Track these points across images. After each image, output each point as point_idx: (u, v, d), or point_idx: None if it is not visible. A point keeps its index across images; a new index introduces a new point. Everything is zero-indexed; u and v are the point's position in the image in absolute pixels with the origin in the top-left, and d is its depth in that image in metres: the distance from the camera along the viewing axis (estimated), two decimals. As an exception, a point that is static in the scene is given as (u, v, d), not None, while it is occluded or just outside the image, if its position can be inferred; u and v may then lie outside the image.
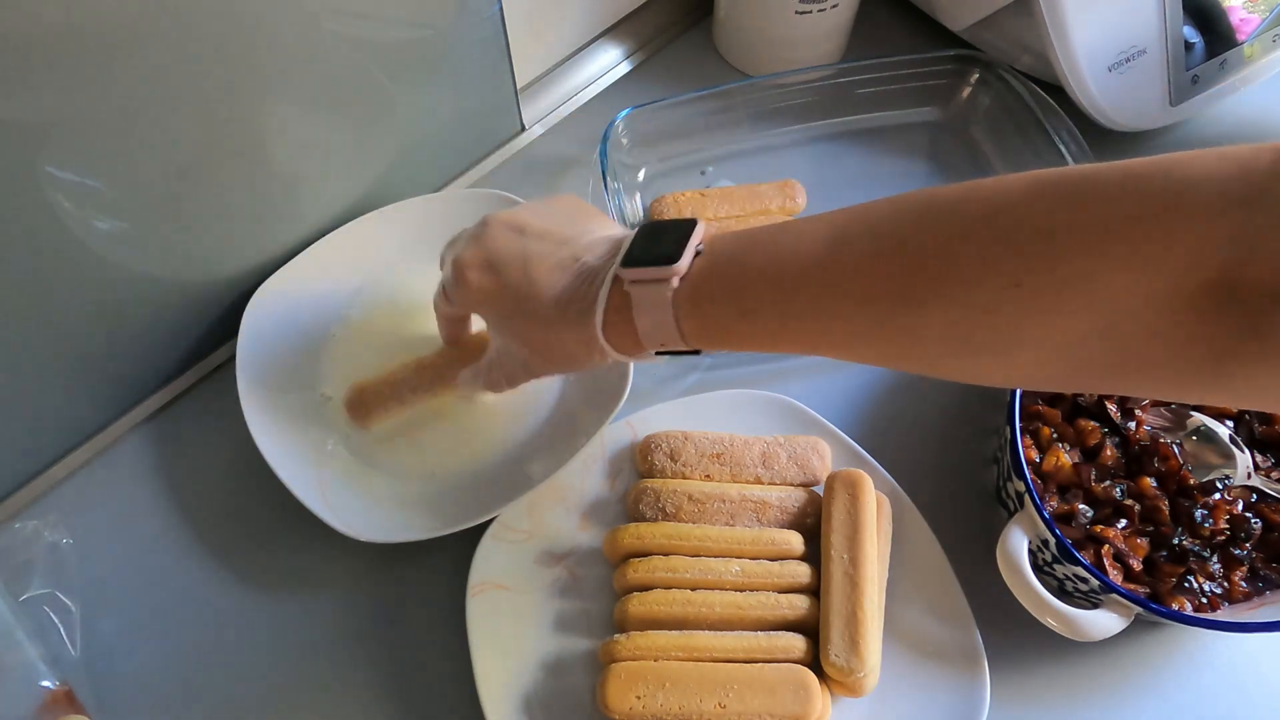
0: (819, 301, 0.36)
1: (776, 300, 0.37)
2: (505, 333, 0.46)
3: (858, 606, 0.48)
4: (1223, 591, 0.48)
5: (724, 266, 0.39)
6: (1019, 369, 0.34)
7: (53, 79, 0.40)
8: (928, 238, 0.33)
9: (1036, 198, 0.31)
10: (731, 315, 0.38)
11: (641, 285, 0.39)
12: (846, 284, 0.35)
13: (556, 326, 0.41)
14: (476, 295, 0.43)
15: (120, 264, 0.50)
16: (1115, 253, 0.29)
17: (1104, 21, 0.62)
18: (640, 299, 0.39)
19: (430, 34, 0.55)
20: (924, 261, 0.33)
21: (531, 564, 0.52)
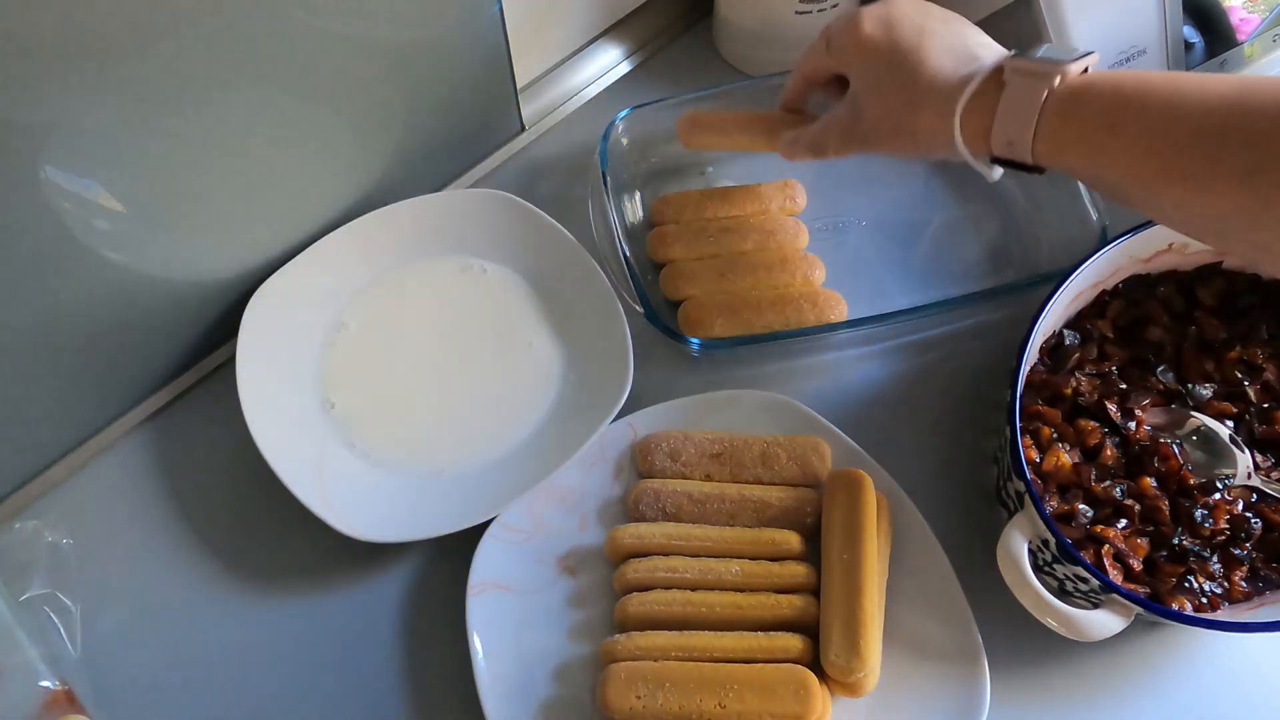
0: (1202, 141, 0.36)
1: (1152, 125, 0.38)
2: (868, 92, 0.47)
3: (858, 606, 0.48)
4: (1223, 591, 0.48)
5: (1110, 83, 0.40)
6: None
7: (53, 79, 0.40)
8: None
9: None
10: (1095, 126, 0.39)
11: (1023, 76, 0.41)
12: (1244, 135, 0.35)
13: (921, 97, 0.44)
14: (863, 44, 0.46)
15: (120, 264, 0.50)
16: None
17: (1104, 21, 0.62)
18: (1015, 88, 0.41)
19: (430, 34, 0.55)
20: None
21: (531, 564, 0.52)
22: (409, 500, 0.54)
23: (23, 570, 0.52)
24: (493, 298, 0.61)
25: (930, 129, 0.45)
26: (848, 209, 0.66)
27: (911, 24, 0.46)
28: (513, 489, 0.53)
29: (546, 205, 0.62)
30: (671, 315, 0.61)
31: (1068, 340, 0.55)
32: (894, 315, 0.59)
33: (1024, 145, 0.42)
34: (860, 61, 0.47)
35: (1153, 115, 0.38)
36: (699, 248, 0.62)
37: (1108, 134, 0.39)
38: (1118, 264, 0.55)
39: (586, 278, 0.59)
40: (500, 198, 0.62)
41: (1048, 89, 0.40)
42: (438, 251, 0.62)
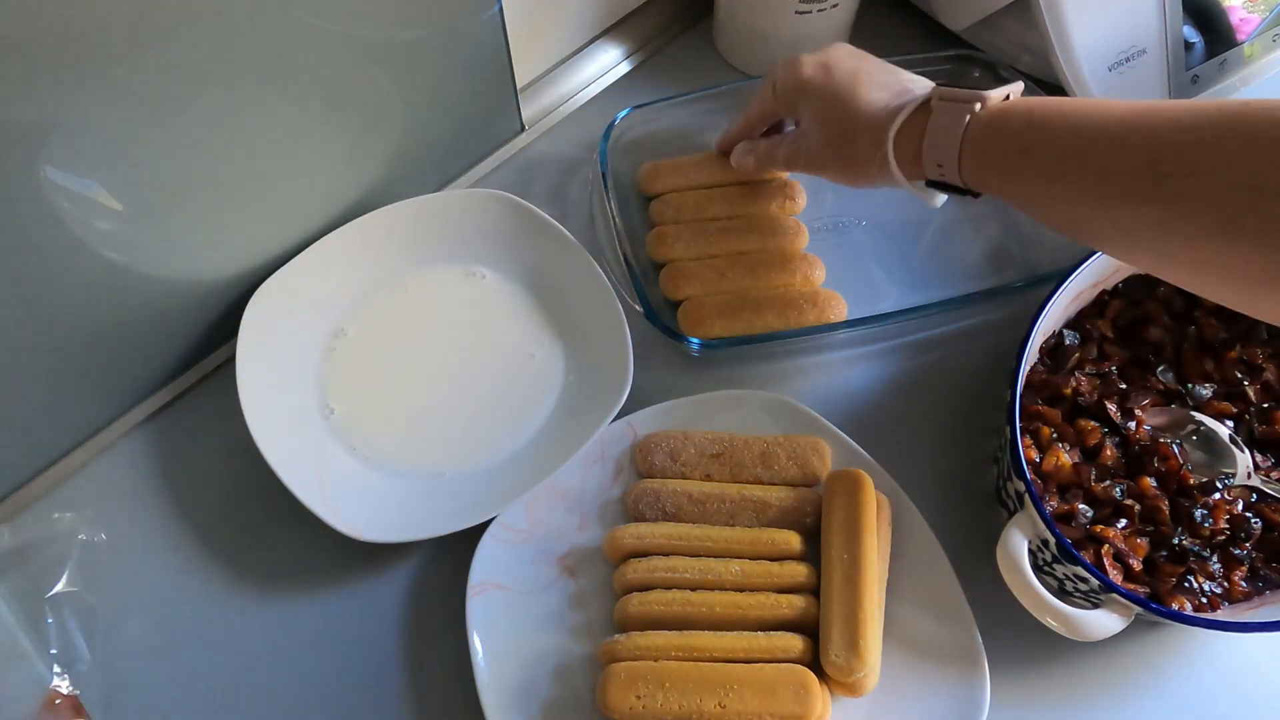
0: (1114, 160, 0.38)
1: (1061, 141, 0.40)
2: (812, 125, 0.52)
3: (858, 606, 0.48)
4: (1223, 591, 0.48)
5: (1024, 108, 0.43)
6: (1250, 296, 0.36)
7: (53, 79, 0.40)
8: (1261, 169, 0.33)
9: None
10: (1011, 149, 0.42)
11: (948, 103, 0.45)
12: (1149, 154, 0.36)
13: (858, 129, 0.49)
14: (804, 85, 0.52)
15: (120, 264, 0.50)
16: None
17: (1104, 21, 0.62)
18: (941, 115, 0.45)
19: (430, 34, 0.55)
20: (1259, 191, 0.33)
21: (531, 564, 0.52)
22: (409, 500, 0.54)
23: (52, 566, 0.52)
24: (492, 298, 0.61)
25: (866, 157, 0.49)
26: (848, 209, 0.66)
27: (848, 67, 0.51)
28: (513, 489, 0.53)
29: (546, 205, 0.62)
30: (671, 315, 0.61)
31: (1068, 340, 0.55)
32: (894, 315, 0.59)
33: (951, 168, 0.45)
34: (803, 101, 0.53)
35: (1061, 137, 0.40)
36: (699, 248, 0.62)
37: (1022, 156, 0.42)
38: (1117, 264, 0.55)
39: (586, 278, 0.59)
40: (500, 198, 0.62)
41: (969, 114, 0.44)
42: (437, 252, 0.62)
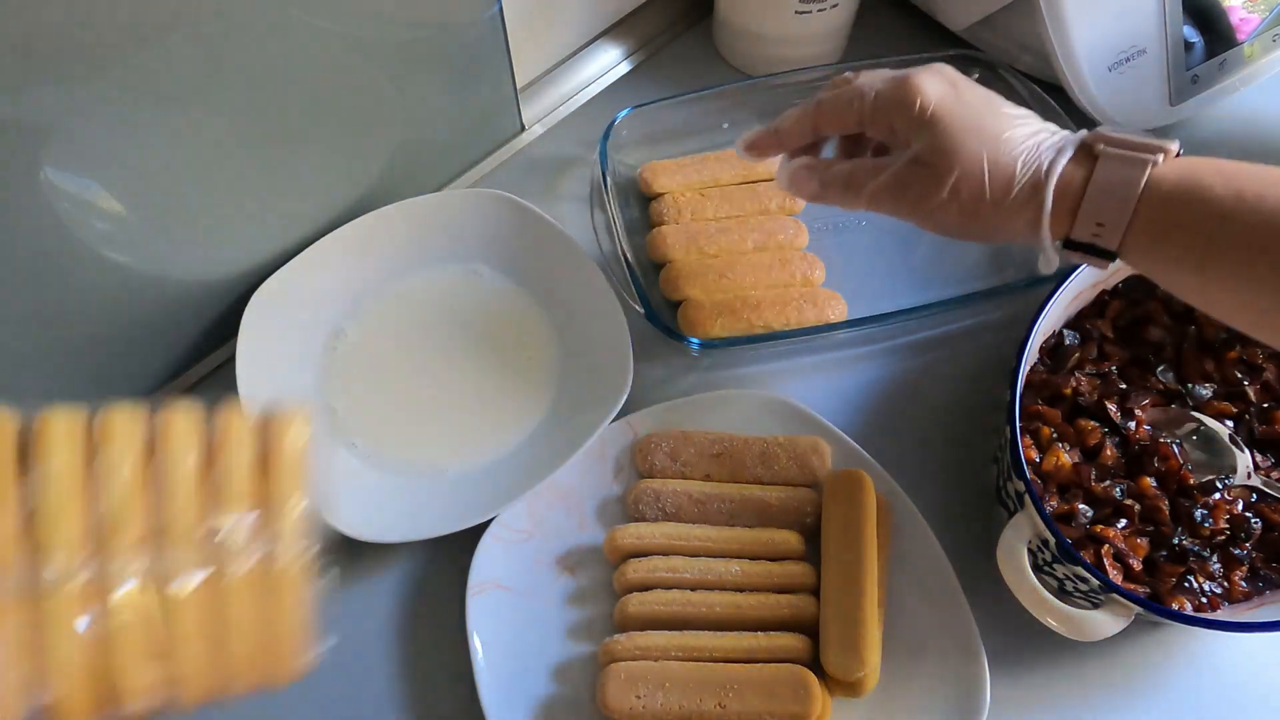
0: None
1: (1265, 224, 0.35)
2: (938, 156, 0.41)
3: (858, 607, 0.48)
4: (1223, 591, 0.48)
5: (1214, 169, 0.37)
6: None
7: (53, 79, 0.40)
8: None
9: None
10: (1210, 216, 0.36)
11: (1118, 154, 0.38)
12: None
13: (1003, 170, 0.40)
14: (928, 104, 0.41)
15: (120, 264, 0.50)
16: None
17: (1104, 21, 0.62)
18: (1110, 164, 0.38)
19: (430, 34, 0.55)
20: None
21: (531, 564, 0.52)
22: (409, 500, 0.54)
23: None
24: (492, 298, 0.61)
25: (1008, 206, 0.40)
26: (848, 209, 0.66)
27: (976, 89, 0.42)
28: (513, 489, 0.53)
29: (547, 205, 0.62)
30: (671, 315, 0.61)
31: (1068, 340, 0.55)
32: (894, 315, 0.59)
33: (1115, 231, 0.38)
34: (924, 126, 0.41)
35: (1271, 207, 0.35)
36: (699, 248, 0.62)
37: (1220, 224, 0.36)
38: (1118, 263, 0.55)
39: (586, 278, 0.59)
40: (500, 198, 0.62)
41: (1149, 167, 0.37)
42: (437, 252, 0.62)
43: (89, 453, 0.29)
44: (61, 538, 0.28)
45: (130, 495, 0.29)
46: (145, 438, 0.30)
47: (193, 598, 0.30)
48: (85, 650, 0.28)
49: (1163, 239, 0.38)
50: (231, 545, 0.31)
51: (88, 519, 0.29)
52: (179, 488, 0.30)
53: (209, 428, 0.32)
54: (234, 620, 0.31)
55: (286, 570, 0.32)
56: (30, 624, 0.28)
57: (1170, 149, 0.38)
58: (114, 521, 0.29)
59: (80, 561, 0.28)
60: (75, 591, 0.28)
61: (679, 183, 0.65)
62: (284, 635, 0.33)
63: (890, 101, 0.42)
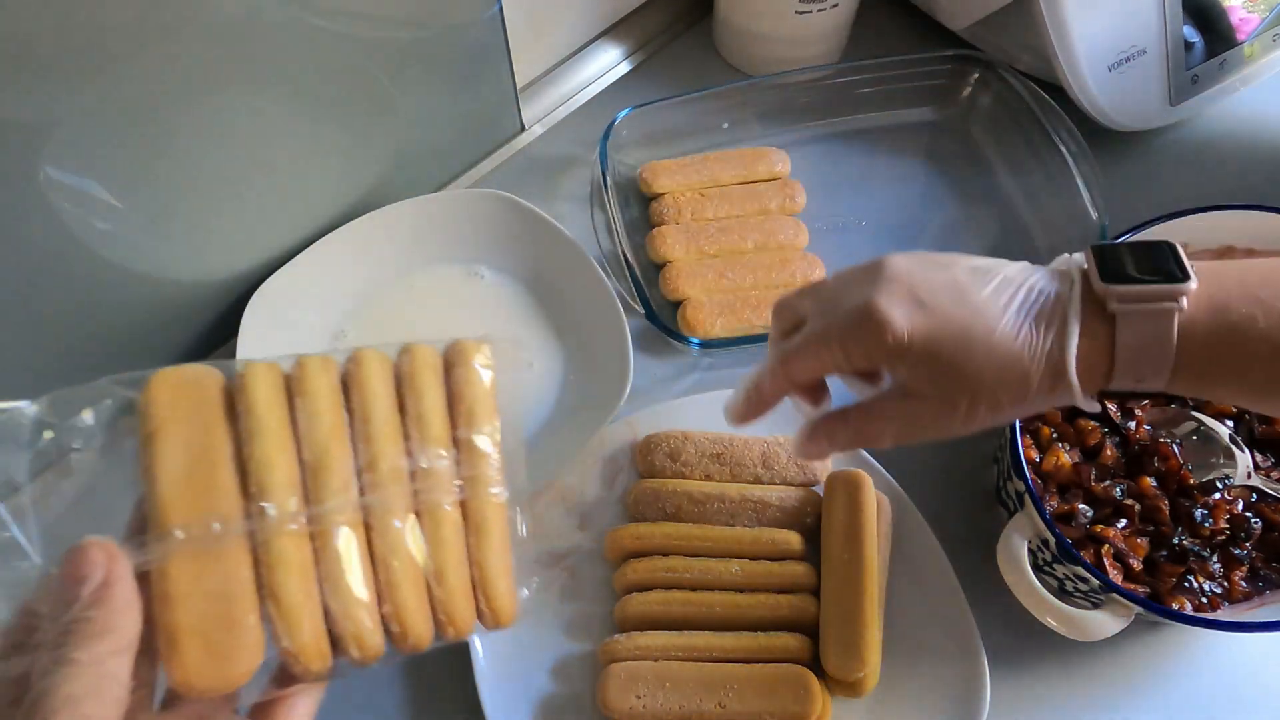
0: None
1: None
2: (935, 386, 0.36)
3: (858, 607, 0.48)
4: (1223, 591, 0.48)
5: (1244, 296, 0.33)
6: None
7: (53, 79, 0.40)
8: None
9: None
10: (1265, 355, 0.33)
11: (1135, 307, 0.33)
12: None
13: (1010, 374, 0.34)
14: (904, 339, 0.35)
15: (120, 264, 0.50)
16: None
17: (1104, 21, 0.62)
18: (1131, 324, 0.33)
19: (430, 34, 0.55)
20: None
21: (531, 564, 0.52)
22: (409, 500, 0.54)
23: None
24: (492, 298, 0.61)
25: (1029, 399, 0.35)
26: (848, 209, 0.67)
27: (942, 283, 0.36)
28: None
29: (547, 205, 0.62)
30: (671, 315, 0.61)
31: (1068, 340, 0.55)
32: (894, 315, 0.59)
33: (1158, 380, 0.35)
34: (908, 364, 0.36)
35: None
36: (699, 248, 0.62)
37: (1271, 356, 0.33)
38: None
39: (586, 278, 0.59)
40: (500, 198, 0.62)
41: (1177, 314, 0.33)
42: (437, 252, 0.62)
43: (289, 400, 0.30)
44: (277, 484, 0.29)
45: (333, 439, 0.30)
46: (337, 384, 0.31)
47: (406, 538, 0.30)
48: (312, 594, 0.29)
49: (1211, 379, 0.35)
50: (435, 484, 0.31)
51: (296, 464, 0.30)
52: (379, 430, 0.31)
53: (398, 367, 0.32)
54: (447, 560, 0.31)
55: (488, 505, 0.32)
56: (260, 568, 0.28)
57: (1189, 288, 0.33)
58: (321, 465, 0.30)
59: (296, 506, 0.29)
60: (296, 535, 0.29)
61: (679, 183, 0.65)
62: (494, 574, 0.32)
63: (861, 344, 0.36)
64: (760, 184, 0.65)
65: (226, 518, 0.28)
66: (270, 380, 0.30)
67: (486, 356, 0.35)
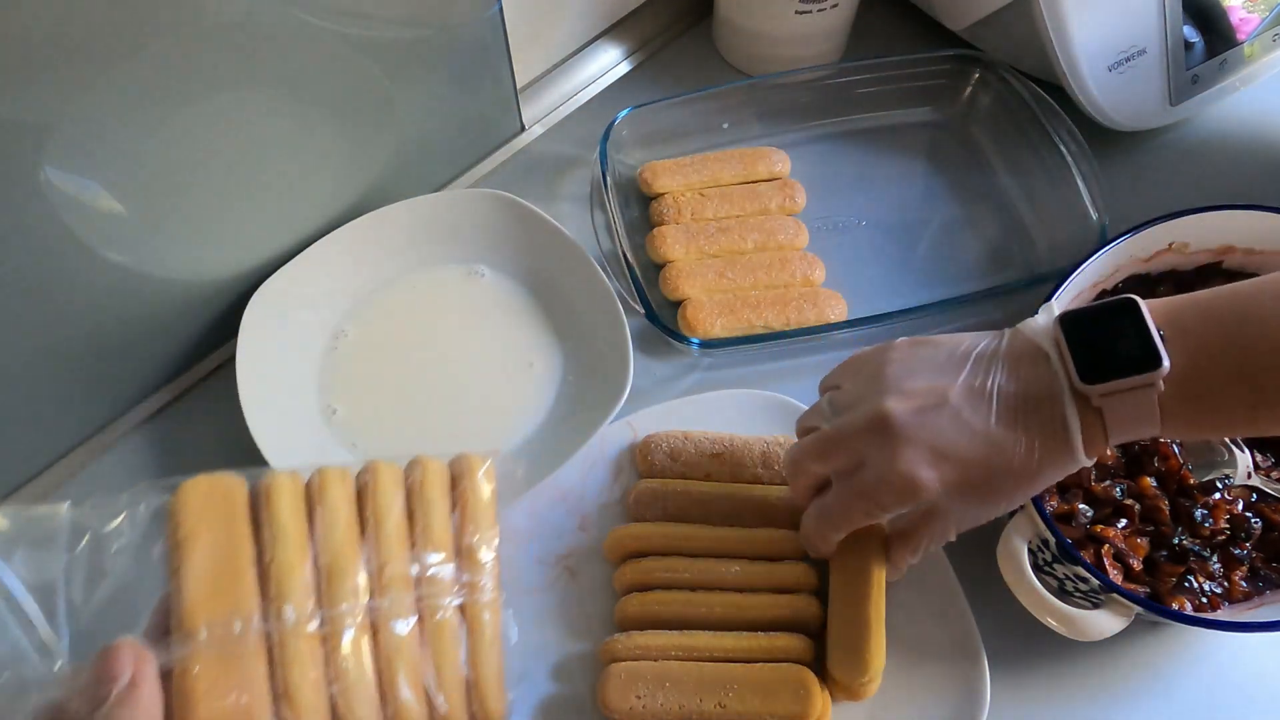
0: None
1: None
2: (965, 506, 0.41)
3: (864, 615, 0.48)
4: (1223, 591, 0.48)
5: (1223, 352, 0.36)
6: None
7: (53, 79, 0.40)
8: None
9: None
10: (1239, 408, 0.36)
11: (1117, 398, 0.37)
12: None
13: (1026, 469, 0.38)
14: (938, 491, 0.39)
15: (120, 264, 0.50)
16: None
17: (1104, 21, 0.62)
18: (1117, 411, 0.37)
19: (430, 34, 0.55)
20: None
21: (531, 564, 0.52)
22: (409, 500, 0.54)
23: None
24: (492, 298, 0.61)
25: (1046, 476, 0.39)
26: (848, 209, 0.67)
27: (952, 432, 0.39)
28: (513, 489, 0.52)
29: (546, 205, 0.62)
30: (671, 315, 0.61)
31: (1068, 340, 0.55)
32: (894, 315, 0.59)
33: (1153, 433, 0.38)
34: (945, 502, 0.41)
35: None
36: (699, 248, 0.62)
37: (1250, 412, 0.36)
38: (1118, 263, 0.55)
39: (586, 278, 0.59)
40: (500, 198, 0.62)
41: (1156, 394, 0.36)
42: (437, 252, 0.62)
43: (309, 508, 0.33)
44: (296, 588, 0.31)
45: (347, 545, 0.33)
46: (352, 493, 0.34)
47: (407, 640, 0.33)
48: (323, 694, 0.31)
49: (1200, 424, 0.38)
50: (438, 590, 0.34)
51: (313, 569, 0.32)
52: (390, 539, 0.33)
53: (408, 478, 0.36)
54: (444, 663, 0.34)
55: (485, 611, 0.35)
56: (275, 666, 0.30)
57: (1162, 373, 0.36)
58: (335, 571, 0.32)
59: (311, 608, 0.31)
60: (311, 636, 0.31)
61: (679, 183, 0.65)
62: (487, 677, 0.35)
63: (901, 503, 0.41)
64: (760, 184, 0.65)
65: (247, 619, 0.30)
66: (292, 489, 0.33)
67: (490, 471, 0.38)
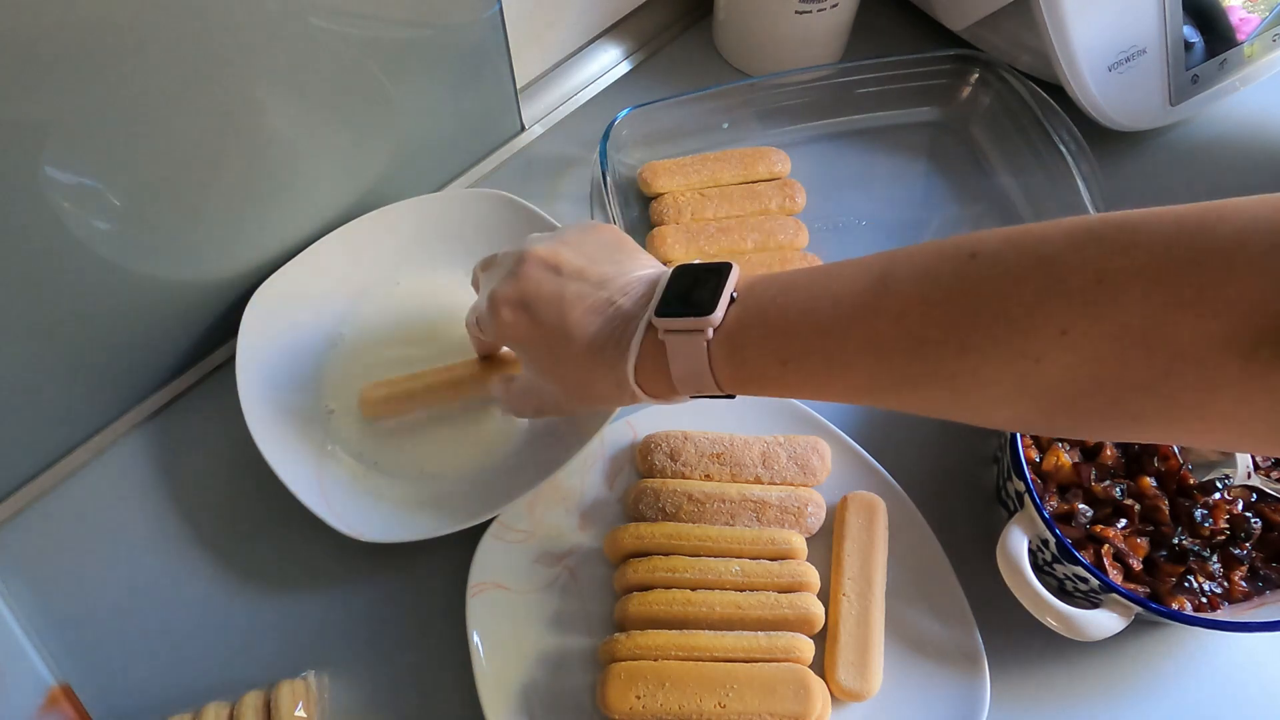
0: (864, 349, 0.36)
1: (818, 348, 0.37)
2: (537, 370, 0.46)
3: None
4: (1223, 591, 0.48)
5: (761, 314, 0.38)
6: (1070, 419, 0.33)
7: (53, 79, 0.40)
8: (977, 285, 0.33)
9: (1084, 244, 0.31)
10: (771, 364, 0.38)
11: (676, 335, 0.39)
12: (894, 330, 0.35)
13: (589, 368, 0.42)
14: (510, 332, 0.44)
15: (120, 264, 0.50)
16: (1172, 296, 0.29)
17: (1104, 21, 0.62)
18: (675, 348, 0.40)
19: (430, 34, 0.55)
20: (976, 309, 0.33)
21: (531, 564, 0.52)
22: (409, 500, 0.54)
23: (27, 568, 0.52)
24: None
25: (614, 392, 0.42)
26: (848, 209, 0.67)
27: (549, 296, 0.42)
28: (513, 489, 0.53)
29: (547, 205, 0.62)
30: (671, 315, 0.61)
31: (1068, 340, 0.55)
32: (894, 315, 0.59)
33: (712, 388, 0.41)
34: (515, 346, 0.46)
35: (817, 338, 0.37)
36: (699, 248, 0.62)
37: (789, 370, 0.38)
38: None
39: (586, 278, 0.59)
40: (500, 198, 0.62)
41: (705, 341, 0.39)
42: (437, 252, 0.62)
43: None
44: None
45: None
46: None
47: None
48: None
49: (748, 385, 0.40)
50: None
51: None
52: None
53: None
54: None
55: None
56: None
57: (714, 318, 0.39)
58: None
59: None
60: None
61: (679, 183, 0.65)
62: None
63: (486, 328, 0.46)
64: (760, 184, 0.65)
65: None
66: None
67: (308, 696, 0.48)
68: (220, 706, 0.48)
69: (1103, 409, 0.32)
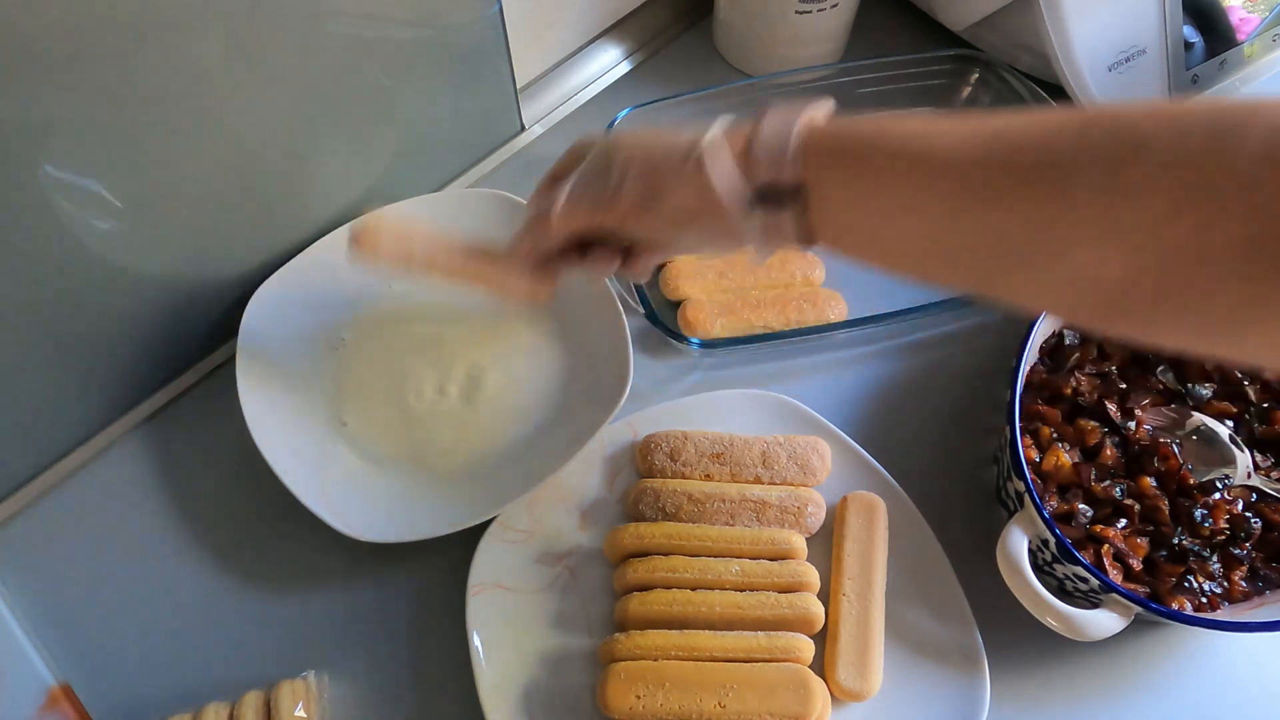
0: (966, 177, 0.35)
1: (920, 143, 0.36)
2: (625, 157, 0.42)
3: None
4: (1223, 591, 0.48)
5: (863, 123, 0.38)
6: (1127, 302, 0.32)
7: (53, 79, 0.40)
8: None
9: (1188, 131, 0.30)
10: (862, 135, 0.38)
11: (777, 111, 0.40)
12: (996, 175, 0.34)
13: (671, 149, 0.41)
14: (612, 138, 0.44)
15: (120, 264, 0.50)
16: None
17: (1104, 21, 0.62)
18: (773, 116, 0.39)
19: (430, 34, 0.55)
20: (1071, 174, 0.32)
21: (531, 564, 0.52)
22: (409, 500, 0.54)
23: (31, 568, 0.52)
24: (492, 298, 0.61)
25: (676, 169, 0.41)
26: (848, 209, 0.66)
27: (638, 134, 0.44)
28: (513, 489, 0.52)
29: (546, 205, 0.62)
30: (671, 315, 0.61)
31: (1067, 340, 0.55)
32: (894, 315, 0.59)
33: (787, 170, 0.39)
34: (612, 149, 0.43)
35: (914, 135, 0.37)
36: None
37: (870, 147, 0.38)
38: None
39: (586, 278, 0.59)
40: (500, 198, 0.62)
41: (800, 117, 0.39)
42: (438, 251, 0.62)
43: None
44: None
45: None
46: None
47: None
48: None
49: (826, 161, 0.39)
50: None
51: None
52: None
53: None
54: None
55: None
56: None
57: (827, 102, 0.40)
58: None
59: None
60: None
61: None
62: None
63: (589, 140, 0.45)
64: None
65: None
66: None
67: (308, 696, 0.48)
68: (220, 706, 0.48)
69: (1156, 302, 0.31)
